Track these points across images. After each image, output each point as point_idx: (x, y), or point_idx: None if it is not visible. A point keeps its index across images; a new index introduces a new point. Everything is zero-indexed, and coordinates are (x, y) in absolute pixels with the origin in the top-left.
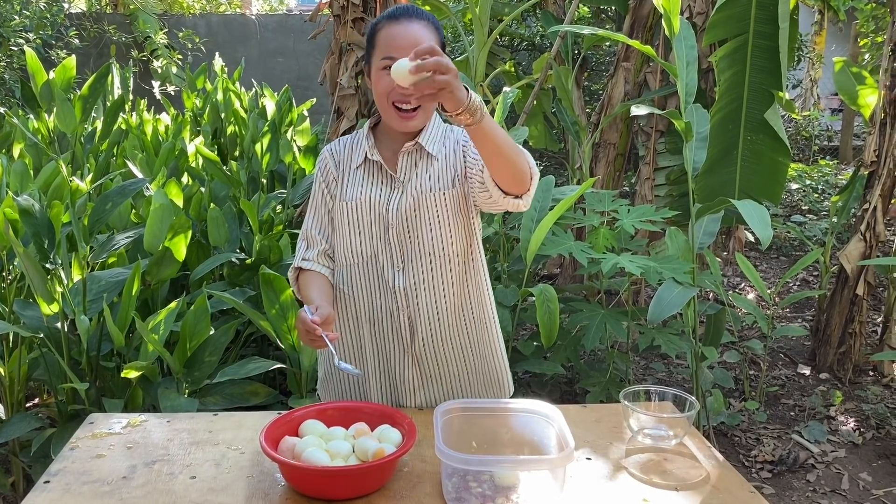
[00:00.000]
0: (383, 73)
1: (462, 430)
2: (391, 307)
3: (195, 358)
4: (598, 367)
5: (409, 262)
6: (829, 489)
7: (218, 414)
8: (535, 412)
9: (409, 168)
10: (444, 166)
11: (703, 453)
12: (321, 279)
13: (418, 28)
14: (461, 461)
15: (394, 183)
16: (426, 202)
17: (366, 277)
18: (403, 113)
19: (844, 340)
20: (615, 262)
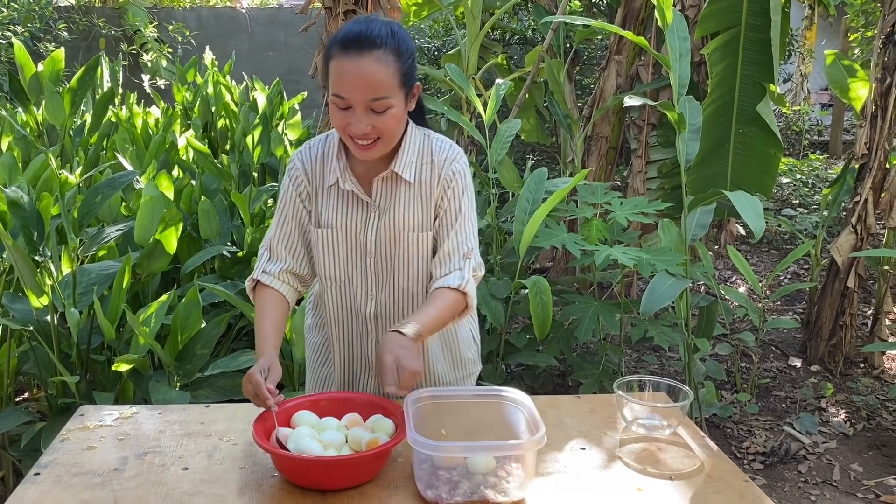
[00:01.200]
0: (336, 109)
1: (432, 418)
2: (361, 331)
3: (186, 351)
4: (590, 360)
5: (382, 292)
6: (820, 480)
7: (210, 405)
8: (505, 398)
9: (385, 194)
10: (423, 200)
11: (697, 443)
12: (279, 304)
13: (369, 65)
14: (432, 448)
15: (369, 208)
16: (406, 239)
17: (338, 300)
18: (362, 146)
19: (835, 333)
20: (608, 254)
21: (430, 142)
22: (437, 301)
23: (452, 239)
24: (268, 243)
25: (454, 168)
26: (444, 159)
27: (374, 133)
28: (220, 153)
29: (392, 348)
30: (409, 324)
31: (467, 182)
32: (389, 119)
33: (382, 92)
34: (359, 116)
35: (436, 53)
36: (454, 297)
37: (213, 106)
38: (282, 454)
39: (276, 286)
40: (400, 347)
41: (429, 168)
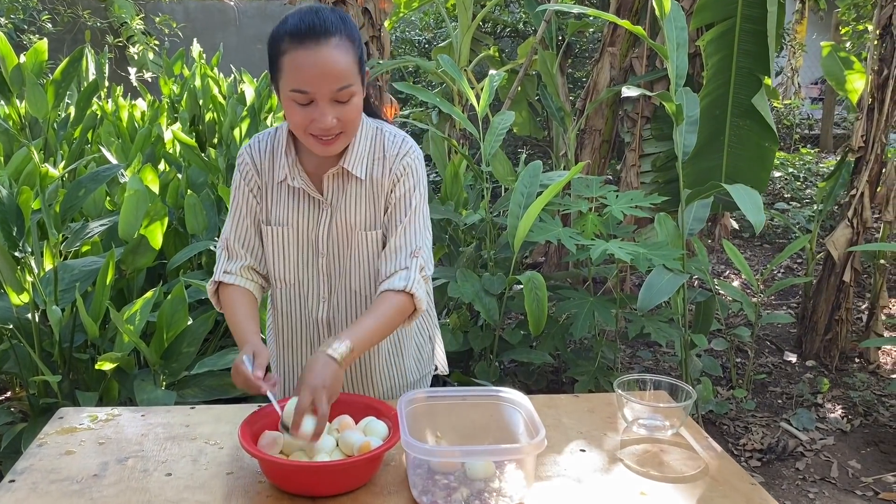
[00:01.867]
0: (296, 105)
1: (426, 420)
2: (312, 336)
3: (172, 349)
4: (584, 356)
5: (334, 295)
6: (818, 477)
7: (195, 407)
8: (502, 399)
9: (336, 190)
10: (374, 196)
11: (700, 444)
12: (247, 297)
13: (330, 53)
14: (428, 452)
15: (321, 205)
16: (357, 238)
17: (290, 304)
18: (325, 140)
19: (831, 328)
20: (604, 249)
21: (382, 136)
22: (379, 308)
23: (400, 235)
24: (224, 243)
25: (405, 162)
26: (395, 154)
27: (338, 126)
28: (207, 146)
29: (313, 383)
30: (340, 343)
31: (419, 177)
32: (353, 109)
33: (346, 80)
34: (323, 109)
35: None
36: (400, 301)
37: (200, 99)
38: (270, 459)
39: (239, 283)
40: (322, 383)
41: (380, 163)
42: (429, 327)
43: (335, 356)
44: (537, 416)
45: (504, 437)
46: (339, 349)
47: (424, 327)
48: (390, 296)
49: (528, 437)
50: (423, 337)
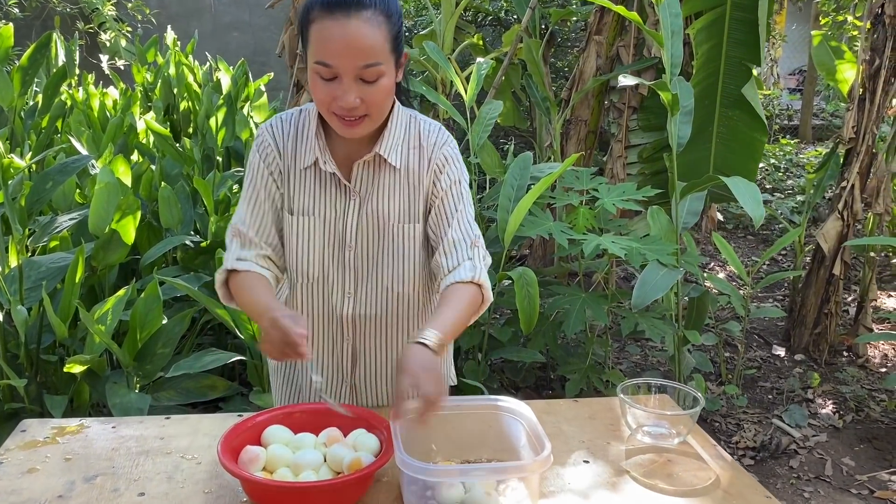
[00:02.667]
0: (319, 80)
1: (420, 431)
2: (335, 334)
3: (146, 350)
4: (574, 353)
5: (361, 291)
6: (812, 475)
7: (170, 417)
8: (501, 409)
9: (367, 180)
10: (411, 188)
11: (708, 452)
12: (264, 281)
13: (359, 27)
14: (427, 472)
15: (349, 194)
16: (391, 231)
17: (311, 299)
18: (348, 121)
19: (820, 321)
20: (598, 244)
21: (417, 124)
22: (454, 299)
23: (455, 228)
24: (235, 230)
25: (445, 152)
26: (433, 143)
27: (362, 107)
28: (182, 137)
29: (412, 368)
30: (429, 331)
31: (462, 167)
32: (380, 91)
33: (374, 57)
34: (347, 86)
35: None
36: (470, 292)
37: (175, 87)
38: (252, 479)
39: (255, 269)
40: (422, 368)
41: (417, 153)
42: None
43: (427, 342)
44: (541, 428)
45: (504, 449)
46: (428, 336)
47: None
48: (460, 287)
49: (531, 450)
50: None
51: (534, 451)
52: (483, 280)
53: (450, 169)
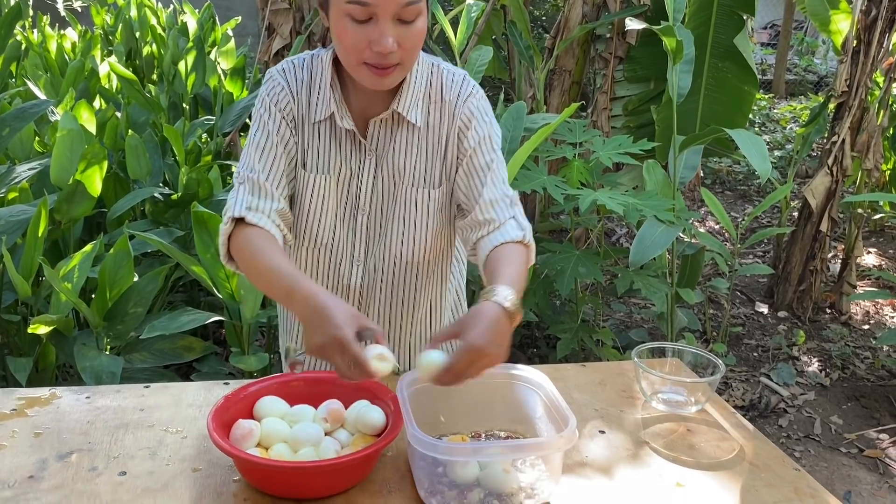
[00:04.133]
0: (350, 23)
1: (427, 402)
2: None
3: (117, 309)
4: (562, 311)
5: (371, 259)
6: (802, 435)
7: (150, 386)
8: (516, 378)
9: (384, 138)
10: (431, 148)
11: (728, 421)
12: (279, 246)
13: None
14: (442, 451)
15: (364, 152)
16: (405, 194)
17: (317, 265)
18: (379, 70)
19: (805, 278)
20: (594, 199)
21: (439, 75)
22: (513, 257)
23: (490, 186)
24: (243, 177)
25: (472, 105)
26: (456, 96)
27: (397, 54)
28: (146, 83)
29: (482, 341)
30: (503, 288)
31: (491, 120)
32: (417, 33)
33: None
34: (384, 28)
35: None
36: (522, 252)
37: (137, 31)
38: (248, 459)
39: (266, 226)
40: (494, 343)
41: (438, 108)
42: (461, 296)
43: (505, 304)
44: (563, 401)
45: (518, 421)
46: (505, 295)
47: (459, 297)
48: (509, 246)
49: (549, 423)
50: (458, 309)
51: (553, 424)
52: (531, 241)
53: (477, 124)
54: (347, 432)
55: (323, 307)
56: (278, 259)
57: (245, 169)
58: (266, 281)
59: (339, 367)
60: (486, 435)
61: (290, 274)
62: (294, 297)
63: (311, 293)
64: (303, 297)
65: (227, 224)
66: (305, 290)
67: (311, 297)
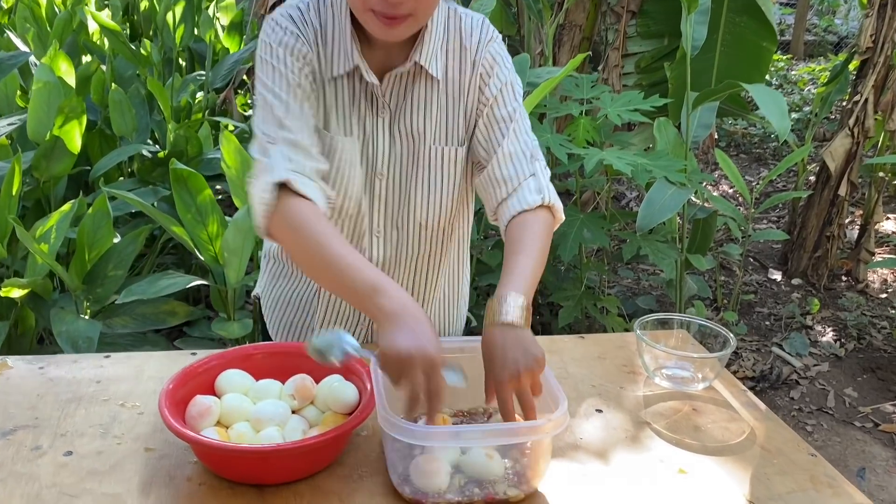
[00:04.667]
0: None
1: None
2: None
3: (96, 272)
4: (566, 278)
5: (392, 229)
6: (815, 407)
7: (110, 356)
8: None
9: (398, 93)
10: (452, 101)
11: (738, 400)
12: (334, 226)
13: None
14: (415, 435)
15: (379, 109)
16: (427, 154)
17: None
18: (388, 20)
19: (821, 244)
20: (600, 159)
21: (458, 21)
22: (526, 238)
23: (512, 139)
24: (274, 137)
25: (492, 51)
26: (476, 42)
27: (409, 3)
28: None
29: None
30: (511, 301)
31: (512, 66)
32: None
33: None
34: None
35: None
36: (542, 221)
37: None
38: (197, 440)
39: (315, 197)
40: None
41: (458, 57)
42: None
43: (513, 320)
44: (554, 380)
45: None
46: (511, 312)
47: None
48: (528, 220)
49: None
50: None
51: (542, 405)
52: (553, 200)
53: (500, 70)
54: (317, 410)
55: (422, 317)
56: (348, 248)
57: (272, 130)
58: (333, 271)
59: (415, 385)
60: (468, 415)
61: (374, 272)
62: (385, 295)
63: (408, 299)
64: (395, 296)
65: (268, 192)
66: (399, 293)
67: (406, 299)
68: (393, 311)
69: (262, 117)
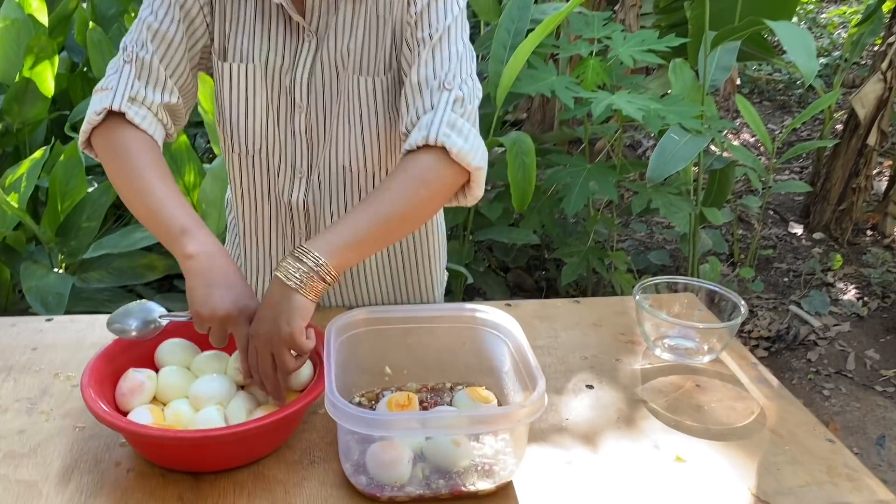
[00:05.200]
0: None
1: (369, 350)
2: (285, 228)
3: (70, 223)
4: (573, 231)
5: (315, 169)
6: (833, 370)
7: (53, 319)
8: (480, 322)
9: (324, 14)
10: (375, 24)
11: (748, 375)
12: (159, 156)
13: None
14: (367, 424)
15: (301, 34)
16: (347, 87)
17: (252, 178)
18: None
19: (846, 196)
20: (609, 104)
21: None
22: (380, 190)
23: (424, 65)
24: (132, 53)
25: None
26: None
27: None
28: None
29: (255, 328)
30: (301, 258)
31: None
32: None
33: None
34: None
35: None
36: (423, 166)
37: None
38: (122, 427)
39: (150, 129)
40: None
41: None
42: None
43: (287, 279)
44: (532, 356)
45: (482, 372)
46: (291, 270)
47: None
48: (405, 163)
49: (516, 380)
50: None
51: (520, 384)
52: (442, 139)
53: None
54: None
55: (232, 267)
56: (171, 187)
57: (135, 44)
58: (145, 207)
59: (242, 338)
60: (433, 391)
61: (186, 212)
62: (191, 239)
63: (217, 246)
64: (204, 245)
65: (99, 113)
66: (207, 239)
67: (215, 246)
68: (198, 258)
69: (131, 30)
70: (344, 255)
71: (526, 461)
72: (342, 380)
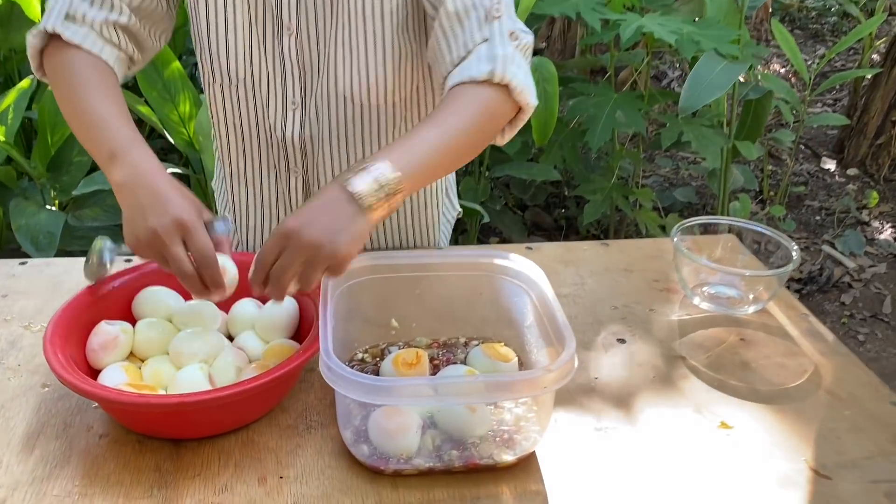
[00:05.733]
0: None
1: (373, 302)
2: (277, 163)
3: (61, 158)
4: (596, 167)
5: (311, 99)
6: (868, 314)
7: (27, 262)
8: (499, 269)
9: None
10: None
11: (798, 328)
12: (109, 78)
13: None
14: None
15: None
16: (348, 6)
17: (239, 110)
18: None
19: (884, 130)
20: (639, 27)
21: None
22: (448, 109)
23: None
24: None
25: None
26: None
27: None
28: None
29: (304, 217)
30: (374, 169)
31: None
32: None
33: None
34: None
35: None
36: (486, 98)
37: None
38: (98, 393)
39: (90, 46)
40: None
41: None
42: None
43: (355, 191)
44: (560, 311)
45: (502, 326)
46: (360, 183)
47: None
48: (467, 89)
49: (540, 337)
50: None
51: (544, 339)
52: (510, 77)
53: None
54: (260, 339)
55: (161, 184)
56: (108, 103)
57: None
58: (82, 128)
59: (177, 260)
60: (445, 347)
61: (120, 132)
62: (120, 162)
63: (149, 165)
64: (133, 166)
65: (36, 37)
66: (139, 159)
67: (146, 170)
68: (124, 186)
69: None
70: (416, 179)
71: (550, 429)
72: (343, 334)
